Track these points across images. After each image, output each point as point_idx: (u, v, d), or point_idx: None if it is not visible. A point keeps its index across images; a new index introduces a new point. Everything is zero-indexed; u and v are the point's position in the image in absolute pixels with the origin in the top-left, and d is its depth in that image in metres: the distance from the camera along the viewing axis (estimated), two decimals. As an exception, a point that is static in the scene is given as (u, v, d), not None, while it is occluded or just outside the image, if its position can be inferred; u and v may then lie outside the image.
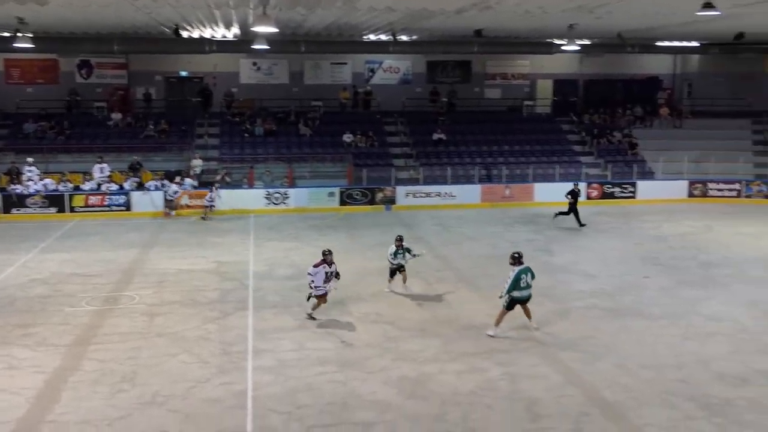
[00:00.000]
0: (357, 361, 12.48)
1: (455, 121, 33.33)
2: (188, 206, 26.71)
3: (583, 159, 31.80)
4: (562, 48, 27.11)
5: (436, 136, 32.02)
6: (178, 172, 27.88)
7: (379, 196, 28.45)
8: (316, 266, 14.40)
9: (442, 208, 27.95)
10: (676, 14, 20.06)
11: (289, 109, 33.00)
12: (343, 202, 28.12)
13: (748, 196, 29.73)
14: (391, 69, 35.42)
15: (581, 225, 24.26)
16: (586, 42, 29.45)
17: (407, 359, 12.56)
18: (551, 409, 10.64)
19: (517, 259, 13.63)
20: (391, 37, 27.10)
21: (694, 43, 31.45)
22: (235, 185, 28.07)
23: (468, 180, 29.60)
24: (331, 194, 28.12)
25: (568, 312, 15.23)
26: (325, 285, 14.36)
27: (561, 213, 24.73)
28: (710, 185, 30.02)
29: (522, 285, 13.48)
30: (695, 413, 10.53)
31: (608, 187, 29.66)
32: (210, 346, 13.15)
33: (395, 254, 16.41)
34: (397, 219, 26.09)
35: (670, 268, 18.92)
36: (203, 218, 25.65)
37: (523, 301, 13.70)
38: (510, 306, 13.64)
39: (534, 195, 29.13)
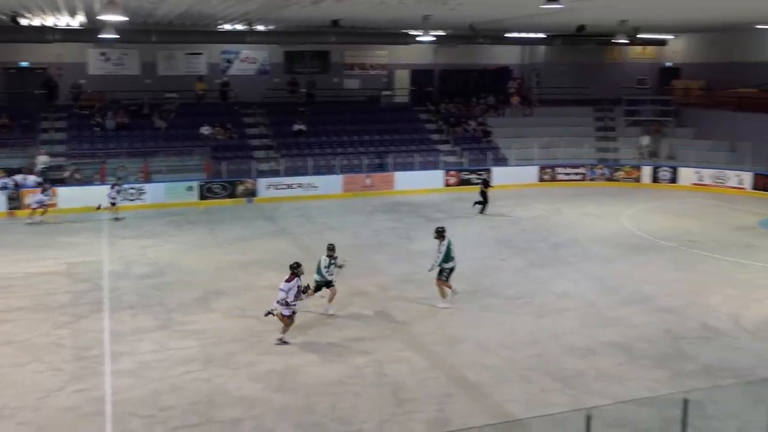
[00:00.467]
0: (222, 357, 12.26)
1: (315, 111, 33.26)
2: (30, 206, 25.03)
3: (440, 147, 32.66)
4: (418, 39, 27.66)
5: (296, 127, 31.83)
6: (19, 170, 26.14)
7: (240, 189, 27.96)
8: (288, 281, 12.62)
9: (305, 199, 27.89)
10: (523, 7, 20.96)
11: (142, 102, 31.71)
12: (202, 197, 27.41)
13: (592, 179, 31.61)
14: (248, 59, 34.81)
15: (481, 212, 25.07)
16: (441, 33, 30.20)
17: (274, 353, 12.48)
18: (416, 392, 10.92)
19: (441, 233, 14.77)
20: (247, 26, 26.65)
21: (541, 35, 33.02)
22: (86, 182, 26.69)
23: (329, 170, 29.66)
24: (190, 188, 27.33)
25: (430, 297, 15.62)
26: (295, 303, 12.72)
27: (478, 202, 25.41)
28: (558, 170, 31.68)
29: (452, 255, 14.62)
30: (551, 386, 11.14)
31: (465, 174, 30.64)
32: (63, 352, 12.48)
33: (328, 266, 14.40)
34: (259, 212, 25.77)
35: (524, 250, 19.83)
36: (36, 222, 23.90)
37: (452, 271, 14.74)
38: (442, 275, 14.72)
39: (395, 184, 29.63)
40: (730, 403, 10.25)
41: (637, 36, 30.90)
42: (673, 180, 30.80)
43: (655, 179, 31.14)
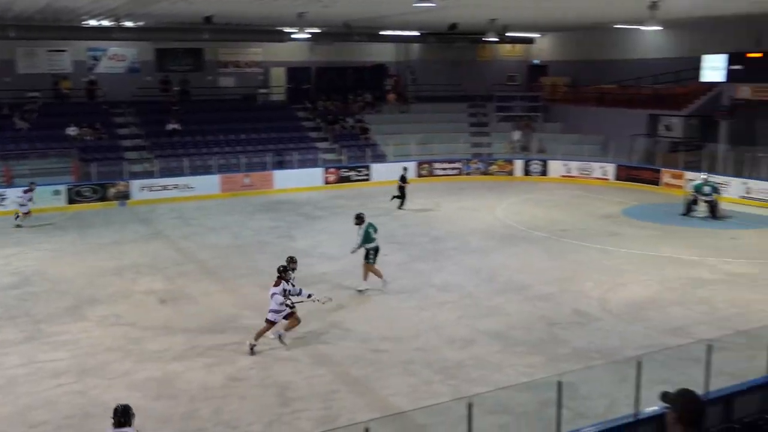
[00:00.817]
0: (97, 367, 11.74)
1: (189, 110, 32.40)
2: None
3: (319, 145, 32.62)
4: (293, 36, 27.49)
5: (170, 127, 30.90)
6: None
7: (112, 191, 26.84)
8: (276, 286, 12.43)
9: (181, 200, 27.13)
10: (396, 5, 21.24)
11: (1, 101, 29.87)
12: (71, 201, 26.12)
13: (468, 174, 32.51)
14: (116, 57, 33.46)
15: (399, 207, 25.33)
16: (316, 30, 30.16)
17: (152, 360, 12.07)
18: (302, 391, 10.87)
19: (360, 218, 15.90)
20: (114, 22, 25.60)
21: (415, 33, 33.59)
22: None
23: (206, 170, 28.99)
24: (57, 192, 25.98)
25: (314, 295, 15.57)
26: (281, 306, 12.37)
27: (396, 197, 25.63)
28: (435, 165, 32.36)
29: (373, 237, 15.51)
30: (432, 377, 11.36)
31: (344, 171, 30.75)
32: None
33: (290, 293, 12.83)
34: (133, 215, 24.86)
35: (406, 245, 20.13)
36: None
37: (377, 250, 15.70)
38: (368, 258, 15.53)
39: (274, 182, 29.35)
40: (600, 382, 10.81)
41: (507, 34, 32.00)
42: (544, 173, 32.16)
43: (527, 172, 32.40)
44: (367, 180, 30.89)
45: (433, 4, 17.97)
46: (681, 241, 20.23)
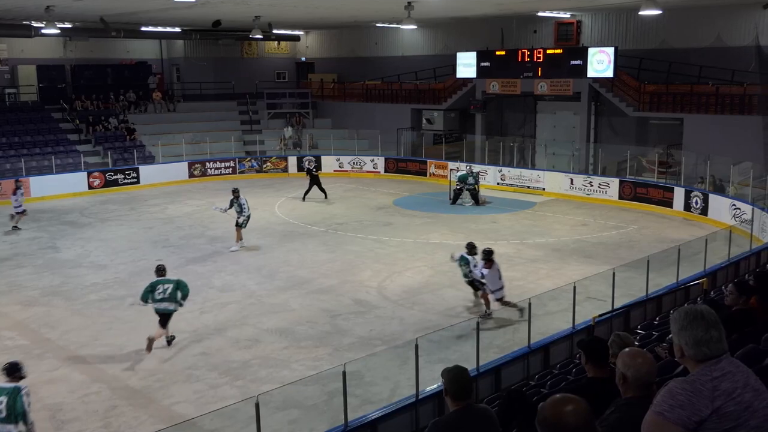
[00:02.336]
0: None
1: None
2: None
3: (80, 148, 30.52)
4: (42, 31, 25.47)
5: None
6: None
7: None
8: (487, 267, 13.51)
9: None
10: (152, 0, 20.45)
11: None
12: None
13: (241, 172, 32.14)
14: None
15: (302, 197, 26.08)
16: (69, 25, 28.17)
17: None
18: (77, 411, 10.16)
19: (235, 194, 16.85)
20: None
21: (177, 29, 32.54)
22: None
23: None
24: None
25: (85, 307, 14.63)
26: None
27: (314, 189, 25.84)
28: (208, 165, 31.62)
29: (246, 208, 16.32)
30: (218, 381, 11.14)
31: (111, 175, 29.05)
32: None
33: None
34: None
35: (181, 248, 19.50)
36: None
37: (249, 219, 16.56)
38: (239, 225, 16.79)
39: (30, 190, 26.93)
40: (384, 367, 11.23)
41: (273, 32, 32.04)
42: (317, 168, 32.57)
43: (301, 168, 32.69)
44: (136, 183, 29.44)
45: (193, 0, 17.53)
46: (448, 228, 21.57)
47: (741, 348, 5.20)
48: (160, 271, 12.62)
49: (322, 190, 26.21)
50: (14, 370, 8.27)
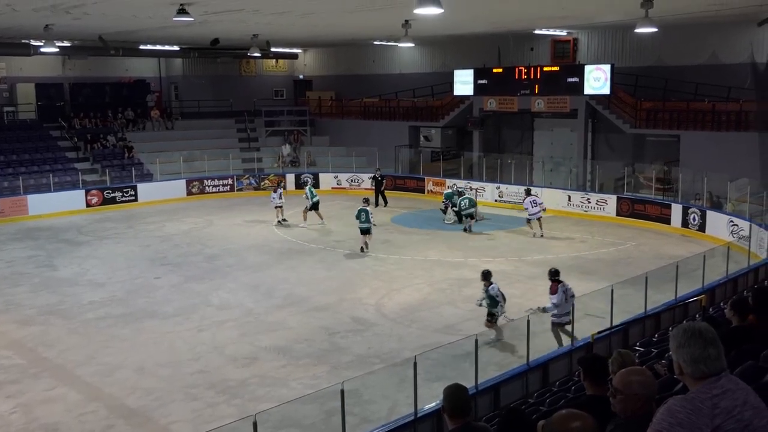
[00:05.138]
0: None
1: None
2: None
3: (78, 166, 30.54)
4: (41, 50, 25.56)
5: None
6: None
7: None
8: (553, 293, 12.36)
9: None
10: (153, 18, 20.49)
11: None
12: None
13: (240, 190, 32.14)
14: None
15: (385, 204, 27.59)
16: (68, 44, 28.27)
17: None
18: (74, 430, 10.12)
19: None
20: None
21: (176, 48, 32.67)
22: None
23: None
24: None
25: (82, 326, 14.58)
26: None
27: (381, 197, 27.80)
28: (206, 182, 31.62)
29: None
30: (216, 399, 11.08)
31: (108, 193, 29.04)
32: None
33: None
34: None
35: (179, 266, 19.46)
36: None
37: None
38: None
39: (28, 208, 26.96)
40: (382, 386, 11.18)
41: (271, 50, 32.17)
42: (315, 185, 32.41)
43: (299, 185, 32.70)
44: (134, 200, 29.43)
45: (192, 19, 17.58)
46: (445, 245, 21.56)
47: (740, 365, 5.18)
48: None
49: (384, 198, 28.16)
50: None
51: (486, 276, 13.49)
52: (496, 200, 28.15)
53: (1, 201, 26.54)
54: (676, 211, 23.17)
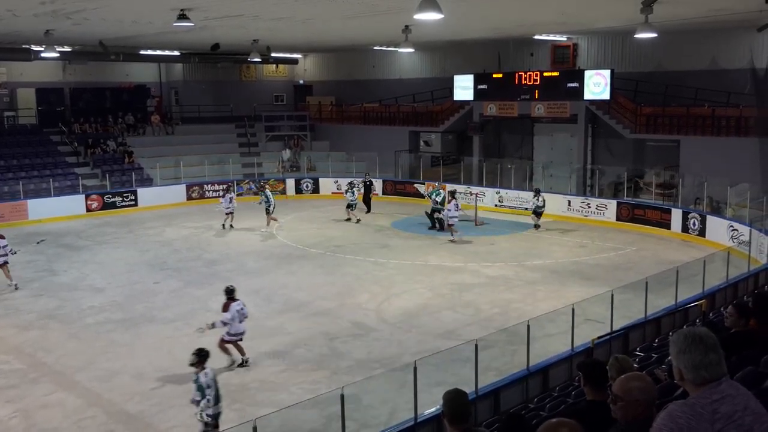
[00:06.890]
0: None
1: None
2: None
3: (78, 170, 30.55)
4: (42, 55, 25.60)
5: None
6: None
7: None
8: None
9: None
10: (153, 24, 20.54)
11: None
12: None
13: (239, 195, 32.02)
14: None
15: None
16: (68, 49, 28.29)
17: None
18: (72, 436, 10.07)
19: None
20: None
21: (176, 53, 32.71)
22: None
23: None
24: None
25: (82, 331, 14.56)
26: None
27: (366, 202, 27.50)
28: (206, 187, 31.62)
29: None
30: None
31: (108, 197, 29.06)
32: None
33: None
34: None
35: (179, 271, 19.45)
36: None
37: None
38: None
39: (28, 213, 26.97)
40: (382, 391, 11.16)
41: (271, 55, 32.21)
42: (315, 190, 32.72)
43: (299, 190, 32.76)
44: (134, 205, 29.43)
45: (192, 24, 17.60)
46: (446, 250, 21.54)
47: (740, 370, 5.17)
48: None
49: (368, 204, 28.01)
50: None
51: (200, 356, 9.64)
52: (496, 205, 28.15)
53: (1, 206, 26.56)
54: (676, 216, 23.18)
